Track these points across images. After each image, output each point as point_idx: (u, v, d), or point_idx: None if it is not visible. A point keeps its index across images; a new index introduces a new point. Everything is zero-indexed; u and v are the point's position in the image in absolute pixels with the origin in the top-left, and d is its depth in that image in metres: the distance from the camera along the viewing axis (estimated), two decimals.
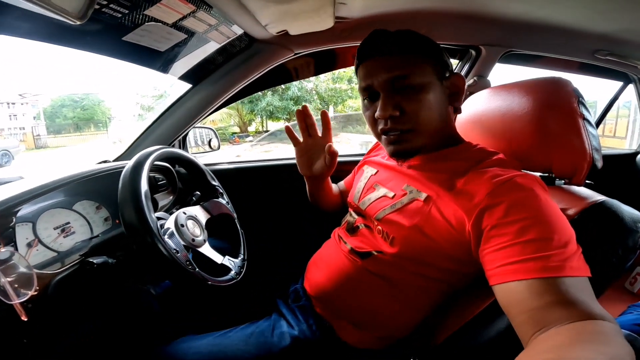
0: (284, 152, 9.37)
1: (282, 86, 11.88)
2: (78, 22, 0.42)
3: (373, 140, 0.76)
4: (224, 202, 0.82)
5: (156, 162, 0.79)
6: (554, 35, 0.89)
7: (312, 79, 12.43)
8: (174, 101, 1.11)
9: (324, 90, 12.39)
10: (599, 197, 0.56)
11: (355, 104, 12.48)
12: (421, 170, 0.63)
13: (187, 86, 1.10)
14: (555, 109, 0.56)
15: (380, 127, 0.61)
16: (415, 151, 0.62)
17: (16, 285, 0.47)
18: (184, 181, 1.00)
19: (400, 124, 0.59)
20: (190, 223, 0.68)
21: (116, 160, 1.05)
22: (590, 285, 0.41)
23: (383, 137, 0.63)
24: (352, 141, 8.88)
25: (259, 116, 12.51)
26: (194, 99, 1.09)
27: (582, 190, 0.59)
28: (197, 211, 0.73)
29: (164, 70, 0.98)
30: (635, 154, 1.29)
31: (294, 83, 11.61)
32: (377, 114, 0.59)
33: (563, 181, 0.62)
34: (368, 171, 0.76)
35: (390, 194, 0.64)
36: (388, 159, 0.72)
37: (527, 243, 0.42)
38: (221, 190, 0.84)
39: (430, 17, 0.91)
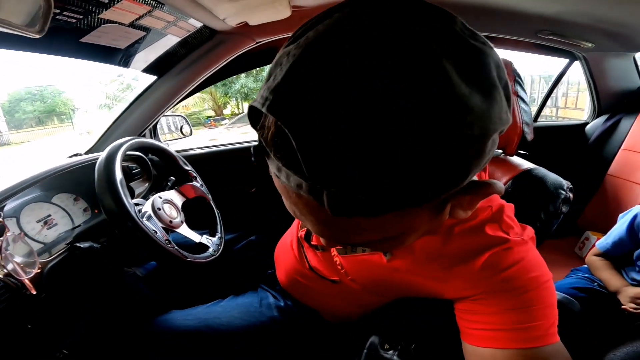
0: None
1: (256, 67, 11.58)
2: (38, 36, 0.45)
3: None
4: (198, 184, 0.87)
5: (128, 152, 0.83)
6: (497, 16, 0.96)
7: None
8: (140, 93, 1.13)
9: None
10: (527, 165, 0.61)
11: None
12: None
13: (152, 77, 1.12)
14: None
15: None
16: None
17: (22, 265, 0.52)
18: (158, 168, 1.03)
19: None
20: (166, 206, 0.73)
21: (88, 152, 1.07)
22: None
23: None
24: None
25: (234, 99, 12.22)
26: (160, 90, 1.12)
27: (515, 160, 0.65)
28: (173, 195, 0.78)
29: (126, 65, 1.00)
30: (584, 124, 1.40)
31: (268, 64, 11.33)
32: None
33: (500, 152, 0.68)
34: None
35: None
36: None
37: (508, 313, 0.39)
38: (194, 174, 0.89)
39: None
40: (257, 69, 11.52)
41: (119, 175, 0.62)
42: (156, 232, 0.62)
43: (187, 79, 1.11)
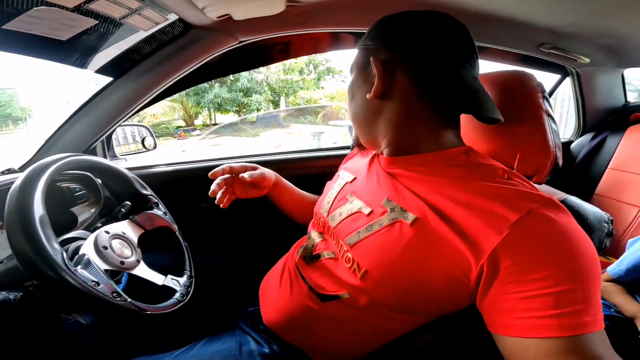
0: (235, 146, 9.02)
1: (231, 77, 11.37)
2: None
3: (325, 130, 0.70)
4: (160, 212, 0.71)
5: (71, 172, 0.65)
6: (503, 27, 0.90)
7: (263, 69, 12.06)
8: (89, 97, 0.94)
9: (274, 82, 12.11)
10: (560, 194, 0.56)
11: (307, 94, 12.41)
12: (402, 179, 0.51)
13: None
14: (520, 105, 0.54)
15: None
16: (358, 142, 0.60)
17: None
18: (110, 190, 0.85)
19: None
20: (116, 243, 0.57)
21: (22, 168, 0.87)
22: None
23: None
24: (304, 132, 8.83)
25: (206, 109, 11.88)
26: (116, 95, 0.94)
27: (545, 188, 0.59)
28: (125, 227, 0.62)
29: (71, 62, 0.83)
30: (569, 142, 1.38)
31: (244, 74, 11.16)
32: None
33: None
34: (344, 177, 0.64)
35: (367, 210, 0.52)
36: (368, 160, 0.61)
37: (554, 295, 0.36)
38: (155, 200, 0.73)
39: (386, 3, 0.86)
40: (232, 78, 11.41)
41: (38, 208, 0.46)
42: (97, 284, 0.46)
43: (151, 82, 0.94)
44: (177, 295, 0.59)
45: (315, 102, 11.75)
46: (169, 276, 0.62)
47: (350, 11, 0.87)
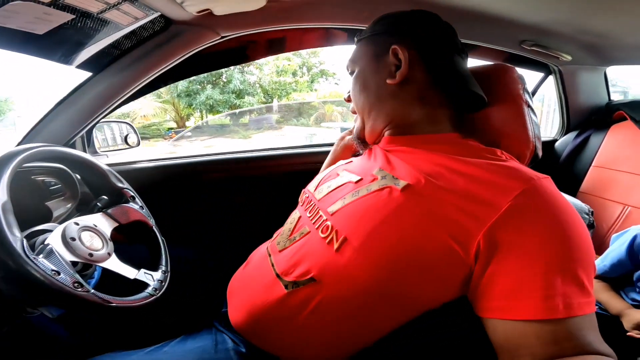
0: (227, 147, 8.96)
1: (224, 79, 11.32)
2: None
3: (317, 132, 0.71)
4: (136, 206, 0.69)
5: (44, 164, 0.63)
6: (485, 24, 0.91)
7: (256, 71, 12.04)
8: (67, 93, 0.92)
9: (267, 84, 12.09)
10: None
11: (300, 97, 12.41)
12: (398, 153, 0.52)
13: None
14: (501, 96, 0.55)
15: None
16: (361, 135, 0.61)
17: None
18: (89, 183, 0.83)
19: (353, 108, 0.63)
20: (86, 235, 0.55)
21: None
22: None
23: None
24: (297, 134, 8.84)
25: (198, 110, 11.79)
26: (95, 89, 0.92)
27: None
28: (98, 220, 0.60)
29: (50, 56, 0.81)
30: (553, 141, 1.40)
31: (236, 75, 11.12)
32: None
33: None
34: (341, 161, 0.67)
35: (355, 178, 0.52)
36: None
37: (553, 273, 0.35)
38: (132, 193, 0.71)
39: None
40: (225, 79, 11.34)
41: (2, 195, 0.44)
42: (58, 274, 0.44)
43: (131, 78, 0.93)
44: (149, 289, 0.57)
45: (308, 103, 11.76)
46: (142, 270, 0.60)
47: (332, 6, 0.87)
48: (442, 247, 0.39)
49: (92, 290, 0.47)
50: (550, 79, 1.29)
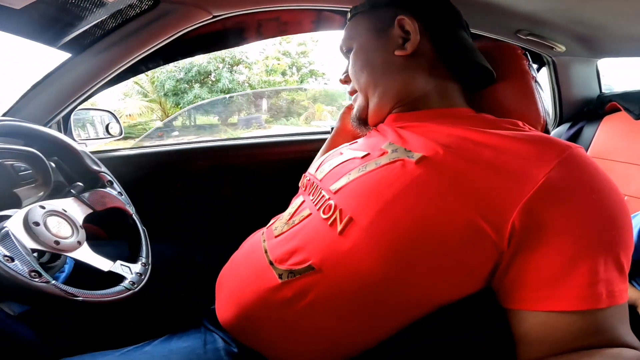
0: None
1: (212, 78, 11.17)
2: None
3: (307, 131, 0.67)
4: (114, 192, 0.63)
5: (15, 147, 0.58)
6: (481, 12, 0.88)
7: (245, 70, 11.93)
8: (43, 76, 0.86)
9: (257, 83, 11.99)
10: None
11: (290, 96, 12.33)
12: (410, 128, 0.47)
13: None
14: (509, 74, 0.53)
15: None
16: (364, 115, 0.57)
17: None
18: (62, 168, 0.77)
19: (351, 87, 0.59)
20: (52, 220, 0.49)
21: None
22: None
23: None
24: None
25: (186, 110, 11.59)
26: (74, 72, 0.86)
27: None
28: (69, 205, 0.55)
29: (27, 34, 0.76)
30: (546, 132, 1.39)
31: (225, 74, 10.98)
32: None
33: None
34: (344, 145, 0.62)
35: (361, 154, 0.47)
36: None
37: (593, 258, 0.31)
38: (109, 178, 0.65)
39: None
40: (213, 78, 11.19)
41: None
42: (11, 260, 0.39)
43: (112, 59, 0.87)
44: (126, 282, 0.52)
45: (298, 103, 11.71)
46: (119, 262, 0.54)
47: None
48: (468, 228, 0.33)
49: (53, 282, 0.42)
50: (543, 70, 1.28)
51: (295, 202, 0.53)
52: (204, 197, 1.01)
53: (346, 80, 0.60)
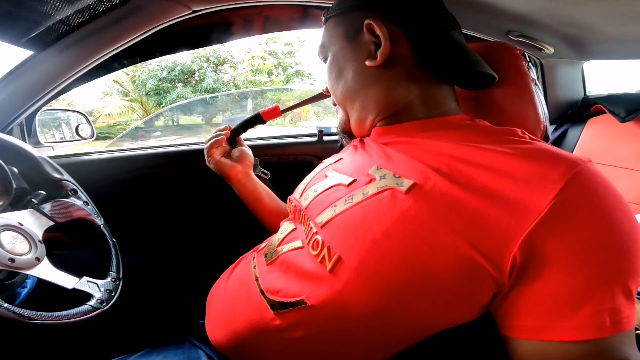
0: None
1: (196, 77, 10.96)
2: None
3: (293, 132, 0.64)
4: (79, 202, 0.58)
5: None
6: (472, 12, 0.86)
7: (230, 70, 11.76)
8: (3, 75, 0.79)
9: (242, 83, 11.84)
10: None
11: (275, 97, 12.24)
12: (397, 145, 0.43)
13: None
14: (507, 73, 0.50)
15: None
16: (345, 127, 0.54)
17: None
18: (25, 175, 0.70)
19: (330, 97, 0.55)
20: (7, 236, 0.44)
21: None
22: None
23: None
24: (272, 133, 8.72)
25: (168, 110, 11.33)
26: (36, 70, 0.79)
27: None
28: (25, 218, 0.49)
29: None
30: None
31: (209, 74, 10.79)
32: None
33: None
34: (327, 160, 0.57)
35: (347, 180, 0.43)
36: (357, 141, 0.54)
37: (600, 287, 0.29)
38: (73, 186, 0.60)
39: None
40: (197, 78, 10.98)
41: None
42: None
43: (79, 57, 0.81)
44: (93, 301, 0.47)
45: (284, 104, 11.64)
46: (85, 278, 0.49)
47: None
48: (464, 264, 0.31)
49: (5, 305, 0.36)
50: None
51: (285, 227, 0.50)
52: (186, 204, 0.95)
53: (328, 92, 0.56)
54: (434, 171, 0.35)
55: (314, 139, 1.06)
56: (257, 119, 0.82)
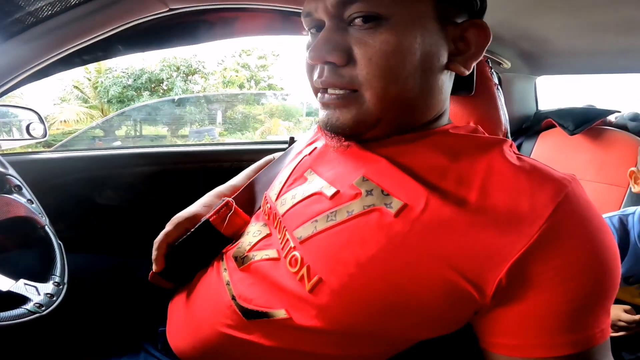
0: None
1: (164, 86, 10.62)
2: None
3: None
4: (21, 199, 0.52)
5: None
6: None
7: (200, 80, 11.54)
8: None
9: (212, 94, 11.65)
10: None
11: (246, 110, 12.15)
12: (392, 156, 0.38)
13: None
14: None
15: (314, 78, 0.39)
16: (356, 129, 0.38)
17: None
18: None
19: (340, 77, 0.36)
20: None
21: None
22: None
23: (319, 96, 0.39)
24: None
25: (132, 119, 10.84)
26: None
27: None
28: None
29: None
30: None
31: (179, 84, 10.50)
32: (308, 54, 0.37)
33: None
34: (304, 151, 0.50)
35: (329, 191, 0.38)
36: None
37: (581, 308, 0.30)
38: (17, 183, 0.54)
39: None
40: (165, 87, 10.62)
41: None
42: None
43: (44, 48, 0.74)
44: (30, 305, 0.42)
45: (254, 117, 11.55)
46: (22, 281, 0.43)
47: None
48: (448, 288, 0.31)
49: None
50: None
51: (258, 229, 0.46)
52: (145, 206, 0.90)
53: (331, 61, 0.36)
54: (426, 190, 0.33)
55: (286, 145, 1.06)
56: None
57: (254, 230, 0.46)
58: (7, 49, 0.72)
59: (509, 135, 0.53)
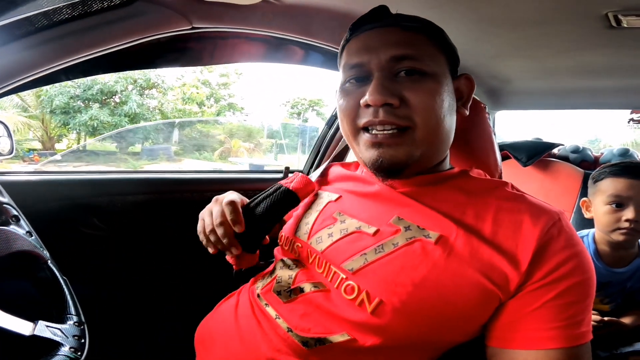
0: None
1: (117, 99, 9.94)
2: None
3: (224, 168, 0.59)
4: (20, 232, 0.48)
5: None
6: None
7: (158, 95, 11.00)
8: None
9: (170, 111, 11.15)
10: None
11: (205, 129, 11.78)
12: (418, 198, 0.46)
13: None
14: (474, 126, 0.56)
15: (365, 119, 0.44)
16: (406, 163, 0.44)
17: None
18: None
19: (396, 117, 0.43)
20: None
21: None
22: None
23: (364, 137, 0.45)
24: (199, 169, 8.24)
25: (76, 132, 9.94)
26: None
27: None
28: None
29: None
30: None
31: (134, 97, 9.85)
32: (367, 98, 0.42)
33: None
34: (325, 197, 0.55)
35: (370, 229, 0.45)
36: (361, 182, 0.53)
37: (572, 304, 0.38)
38: (14, 213, 0.50)
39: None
40: (118, 100, 9.87)
41: None
42: None
43: (53, 54, 0.67)
44: (67, 350, 0.39)
45: (213, 137, 11.22)
46: (42, 323, 0.40)
47: (327, 21, 0.79)
48: (483, 294, 0.39)
49: None
50: None
51: (289, 266, 0.50)
52: (136, 235, 0.85)
53: (390, 102, 0.42)
54: (455, 224, 0.41)
55: (280, 175, 1.06)
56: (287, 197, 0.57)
57: (286, 269, 0.50)
58: (16, 49, 0.66)
59: (502, 174, 0.59)
